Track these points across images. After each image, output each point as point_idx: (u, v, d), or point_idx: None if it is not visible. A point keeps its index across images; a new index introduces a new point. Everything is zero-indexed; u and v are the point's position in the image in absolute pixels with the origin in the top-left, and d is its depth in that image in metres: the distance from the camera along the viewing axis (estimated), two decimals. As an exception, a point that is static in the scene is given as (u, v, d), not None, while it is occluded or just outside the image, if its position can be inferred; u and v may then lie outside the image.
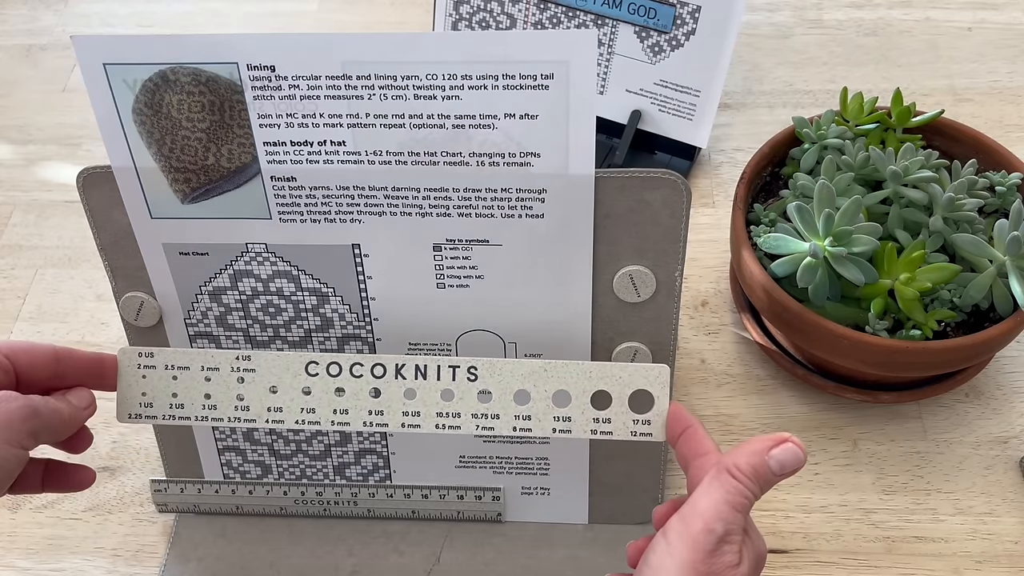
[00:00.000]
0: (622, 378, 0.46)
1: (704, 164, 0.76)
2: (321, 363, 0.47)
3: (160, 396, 0.47)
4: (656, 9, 0.69)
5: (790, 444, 0.41)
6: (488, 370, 0.46)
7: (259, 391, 0.47)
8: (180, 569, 0.57)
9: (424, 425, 0.47)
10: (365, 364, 0.46)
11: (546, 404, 0.46)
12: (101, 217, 0.49)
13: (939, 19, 0.86)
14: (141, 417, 0.48)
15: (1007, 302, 0.55)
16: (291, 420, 0.47)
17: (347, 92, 0.44)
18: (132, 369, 0.47)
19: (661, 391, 0.46)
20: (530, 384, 0.46)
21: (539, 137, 0.45)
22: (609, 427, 0.46)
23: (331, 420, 0.47)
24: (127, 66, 0.45)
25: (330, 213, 0.48)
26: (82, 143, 0.80)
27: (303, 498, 0.57)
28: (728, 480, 0.41)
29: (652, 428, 0.46)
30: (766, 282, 0.56)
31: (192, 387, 0.47)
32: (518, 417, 0.46)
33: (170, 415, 0.48)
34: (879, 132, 0.62)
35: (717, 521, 0.40)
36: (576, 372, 0.46)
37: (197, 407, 0.47)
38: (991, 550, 0.56)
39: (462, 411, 0.47)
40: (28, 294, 0.71)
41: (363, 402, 0.47)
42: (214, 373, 0.47)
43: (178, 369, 0.47)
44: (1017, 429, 0.61)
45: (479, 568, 0.56)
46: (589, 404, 0.46)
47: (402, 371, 0.47)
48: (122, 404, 0.48)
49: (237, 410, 0.47)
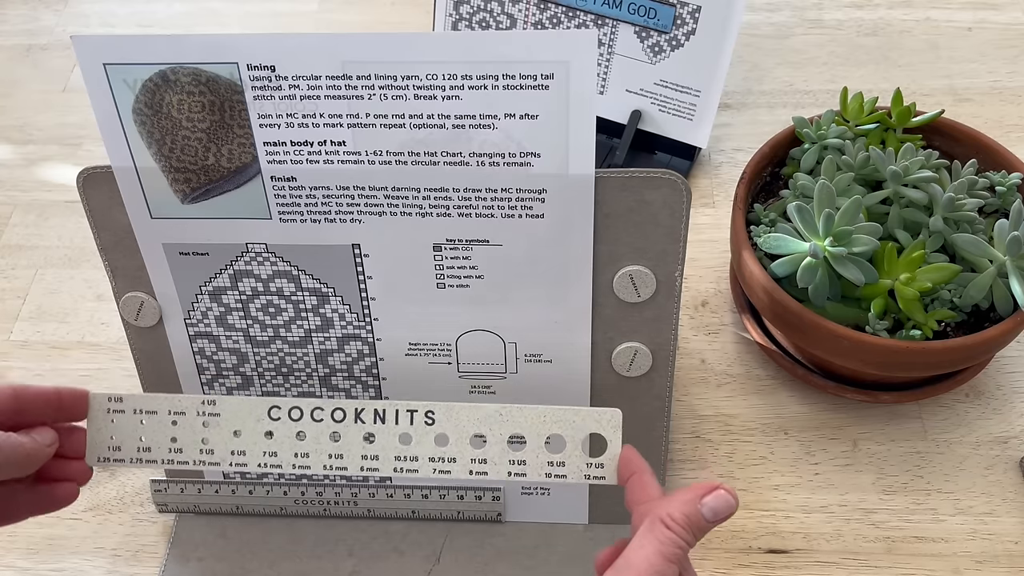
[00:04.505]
0: (575, 423, 0.46)
1: (704, 164, 0.76)
2: (283, 407, 0.47)
3: (128, 440, 0.48)
4: (656, 9, 0.69)
5: (722, 491, 0.42)
6: (445, 414, 0.47)
7: (223, 435, 0.48)
8: (180, 569, 0.57)
9: (382, 468, 0.48)
10: (325, 408, 0.47)
11: (501, 448, 0.47)
12: (101, 217, 0.49)
13: (939, 19, 0.86)
14: (109, 461, 0.49)
15: (1007, 302, 0.55)
16: (254, 463, 0.48)
17: (347, 92, 0.44)
18: (102, 414, 0.48)
19: (613, 435, 0.46)
20: (486, 428, 0.47)
21: (539, 137, 0.45)
22: (563, 470, 0.47)
23: (292, 464, 0.48)
24: (127, 66, 0.45)
25: (330, 213, 0.48)
26: (82, 143, 0.80)
27: (303, 498, 0.57)
28: (661, 531, 0.41)
29: (605, 472, 0.47)
30: (766, 282, 0.56)
31: (159, 431, 0.48)
32: (474, 461, 0.47)
33: (137, 458, 0.48)
34: (879, 132, 0.62)
35: (651, 574, 0.40)
36: (531, 416, 0.46)
37: (163, 451, 0.48)
38: (991, 550, 0.56)
39: (419, 455, 0.47)
40: (28, 294, 0.70)
41: (323, 446, 0.48)
42: (180, 417, 0.48)
43: (145, 414, 0.48)
44: (1017, 429, 0.61)
45: (479, 568, 0.56)
46: (543, 448, 0.47)
47: (361, 415, 0.47)
48: (91, 448, 0.48)
49: (202, 453, 0.48)
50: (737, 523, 0.57)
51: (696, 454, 0.60)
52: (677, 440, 0.61)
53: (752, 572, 0.55)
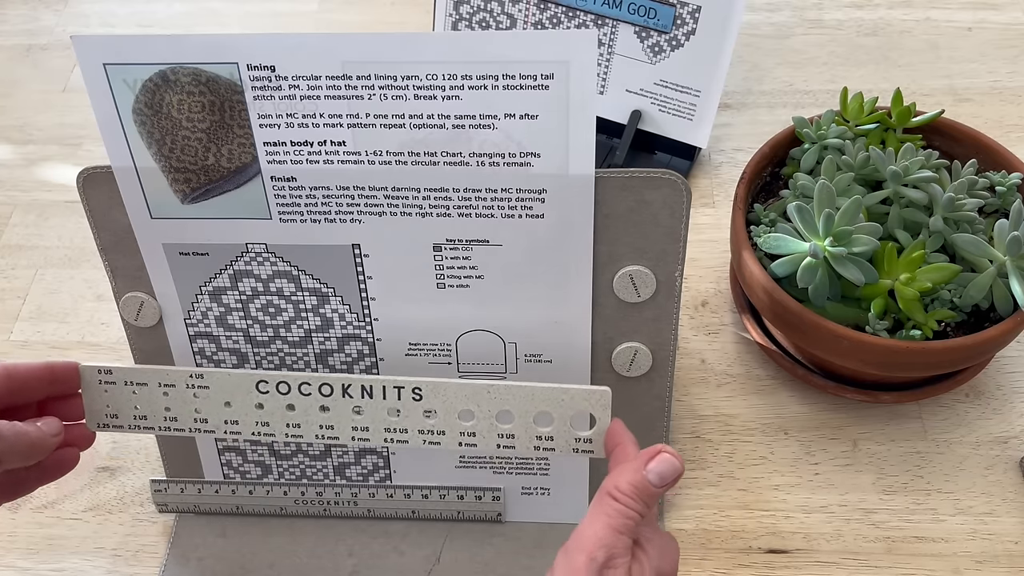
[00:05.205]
0: (564, 401, 0.46)
1: (704, 164, 0.76)
2: (271, 381, 0.48)
3: (123, 408, 0.49)
4: (656, 9, 0.69)
5: (665, 455, 0.42)
6: (432, 390, 0.47)
7: (214, 405, 0.49)
8: (180, 569, 0.57)
9: (372, 439, 0.48)
10: (312, 383, 0.48)
11: (489, 422, 0.47)
12: (101, 217, 0.49)
13: (939, 19, 0.86)
14: (108, 427, 0.50)
15: (1007, 302, 0.55)
16: (247, 431, 0.49)
17: (347, 92, 0.44)
18: (95, 384, 0.49)
19: (603, 413, 0.46)
20: (473, 404, 0.47)
21: (539, 137, 0.45)
22: (552, 444, 0.47)
23: (284, 432, 0.49)
24: (127, 66, 0.45)
25: (330, 213, 0.48)
26: (82, 143, 0.80)
27: (303, 498, 0.57)
28: (610, 504, 0.41)
29: (593, 446, 0.47)
30: (766, 282, 0.56)
31: (152, 401, 0.49)
32: (463, 433, 0.48)
33: (135, 425, 0.50)
34: (879, 132, 0.62)
35: (599, 549, 0.40)
36: (519, 394, 0.47)
37: (159, 418, 0.49)
38: (991, 550, 0.56)
39: (408, 427, 0.48)
40: (28, 294, 0.71)
41: (313, 417, 0.48)
42: (171, 389, 0.49)
43: (136, 385, 0.49)
44: (1017, 429, 0.61)
45: (479, 568, 0.56)
46: (532, 423, 0.47)
47: (348, 390, 0.48)
48: (90, 415, 0.50)
49: (196, 422, 0.49)
50: (737, 523, 0.57)
51: (696, 454, 0.60)
52: (677, 440, 0.61)
53: (752, 572, 0.55)
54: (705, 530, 0.57)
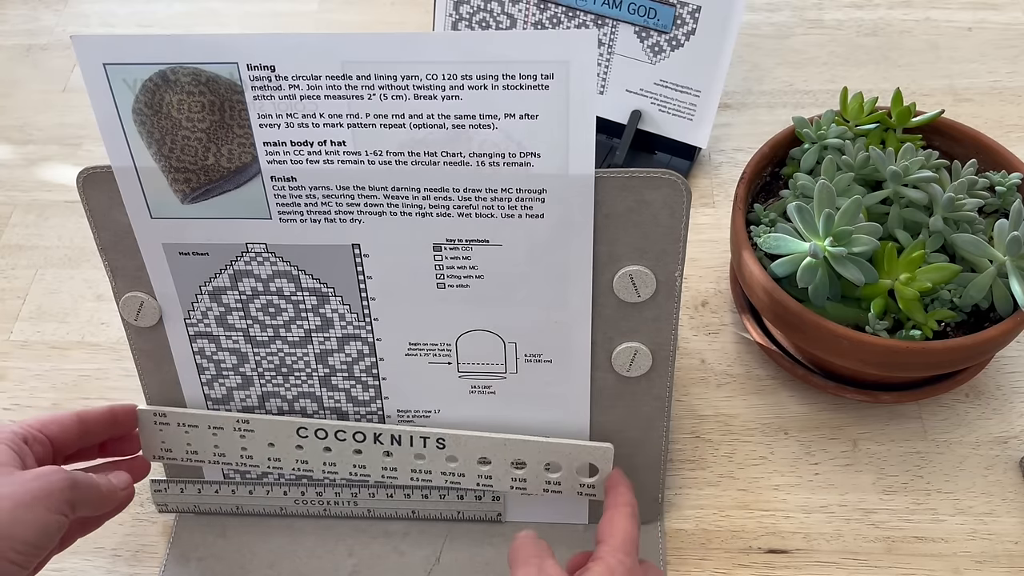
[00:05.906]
0: (571, 454, 0.53)
1: (704, 164, 0.76)
2: (310, 428, 0.54)
3: (177, 445, 0.55)
4: (656, 9, 0.69)
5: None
6: (454, 441, 0.53)
7: (259, 446, 0.55)
8: (180, 569, 0.57)
9: (400, 478, 0.55)
10: (347, 431, 0.54)
11: (505, 468, 0.54)
12: (101, 217, 0.49)
13: (939, 19, 0.86)
14: (163, 458, 0.56)
15: (1007, 302, 0.55)
16: (288, 468, 0.55)
17: (347, 92, 0.44)
18: (150, 425, 0.54)
19: (605, 465, 0.53)
20: (490, 453, 0.53)
21: (539, 137, 0.45)
22: (559, 487, 0.54)
23: (322, 470, 0.55)
24: (127, 66, 0.45)
25: (330, 213, 0.48)
26: (82, 143, 0.80)
27: (303, 498, 0.57)
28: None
29: (596, 491, 0.54)
30: (766, 282, 0.56)
31: (203, 439, 0.55)
32: (481, 476, 0.54)
33: (187, 458, 0.56)
34: (879, 132, 0.62)
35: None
36: (533, 447, 0.53)
37: (208, 454, 0.55)
38: (991, 550, 0.56)
39: (432, 469, 0.54)
40: (28, 294, 0.71)
41: (347, 458, 0.55)
42: (219, 431, 0.54)
43: (188, 427, 0.54)
44: (1017, 429, 0.61)
45: (479, 568, 0.56)
46: (543, 470, 0.54)
47: (380, 438, 0.54)
48: (146, 448, 0.55)
49: (243, 458, 0.55)
50: (737, 523, 0.57)
51: (696, 454, 0.60)
52: (677, 440, 0.61)
53: (752, 572, 0.55)
54: (705, 530, 0.57)
